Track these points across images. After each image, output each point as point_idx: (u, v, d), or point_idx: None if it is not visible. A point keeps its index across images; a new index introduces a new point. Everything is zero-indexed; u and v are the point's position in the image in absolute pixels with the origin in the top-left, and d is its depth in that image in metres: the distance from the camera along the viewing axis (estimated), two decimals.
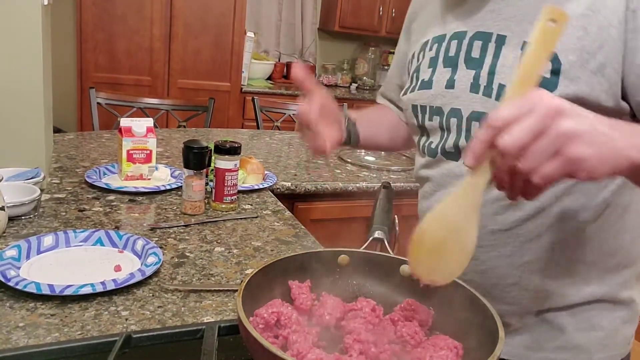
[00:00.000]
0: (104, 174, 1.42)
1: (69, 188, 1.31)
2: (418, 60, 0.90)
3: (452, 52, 0.82)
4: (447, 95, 0.82)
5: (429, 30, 0.89)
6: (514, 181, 0.53)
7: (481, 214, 0.74)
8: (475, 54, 0.79)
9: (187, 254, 1.02)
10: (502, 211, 0.77)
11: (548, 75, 0.70)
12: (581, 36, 0.68)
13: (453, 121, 0.81)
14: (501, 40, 0.76)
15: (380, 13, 4.07)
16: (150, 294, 0.86)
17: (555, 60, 0.69)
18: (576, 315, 0.82)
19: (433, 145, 0.85)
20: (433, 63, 0.85)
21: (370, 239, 0.80)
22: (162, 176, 1.41)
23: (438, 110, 0.83)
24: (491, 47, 0.77)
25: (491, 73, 0.76)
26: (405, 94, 0.92)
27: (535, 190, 0.53)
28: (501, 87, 0.74)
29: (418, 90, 0.87)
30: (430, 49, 0.87)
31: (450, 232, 0.58)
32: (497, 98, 0.75)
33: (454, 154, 0.82)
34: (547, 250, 0.78)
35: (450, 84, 0.81)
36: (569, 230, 0.77)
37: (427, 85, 0.85)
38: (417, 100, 0.87)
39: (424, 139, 0.89)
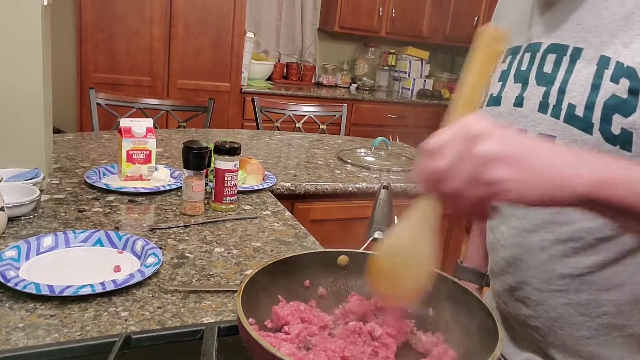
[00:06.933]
0: (104, 174, 1.42)
1: (69, 189, 1.31)
2: None
3: (524, 66, 0.76)
4: (515, 114, 0.76)
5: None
6: (451, 204, 0.53)
7: (549, 255, 0.73)
8: (548, 68, 0.72)
9: (187, 255, 1.02)
10: (573, 254, 0.70)
11: (625, 96, 0.62)
12: None
13: None
14: (577, 53, 0.69)
15: (380, 13, 4.06)
16: (150, 295, 0.86)
17: (633, 77, 0.62)
18: None
19: None
20: (504, 77, 0.80)
21: (370, 239, 0.80)
22: (161, 177, 1.41)
23: None
24: (565, 61, 0.70)
25: (561, 91, 0.69)
26: None
27: (481, 212, 0.52)
28: (571, 107, 0.67)
29: (487, 105, 0.82)
30: (504, 61, 0.81)
31: (408, 259, 0.60)
32: (567, 120, 0.67)
33: None
34: (629, 303, 0.69)
35: (519, 102, 0.75)
36: None
37: (495, 101, 0.80)
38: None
39: None
